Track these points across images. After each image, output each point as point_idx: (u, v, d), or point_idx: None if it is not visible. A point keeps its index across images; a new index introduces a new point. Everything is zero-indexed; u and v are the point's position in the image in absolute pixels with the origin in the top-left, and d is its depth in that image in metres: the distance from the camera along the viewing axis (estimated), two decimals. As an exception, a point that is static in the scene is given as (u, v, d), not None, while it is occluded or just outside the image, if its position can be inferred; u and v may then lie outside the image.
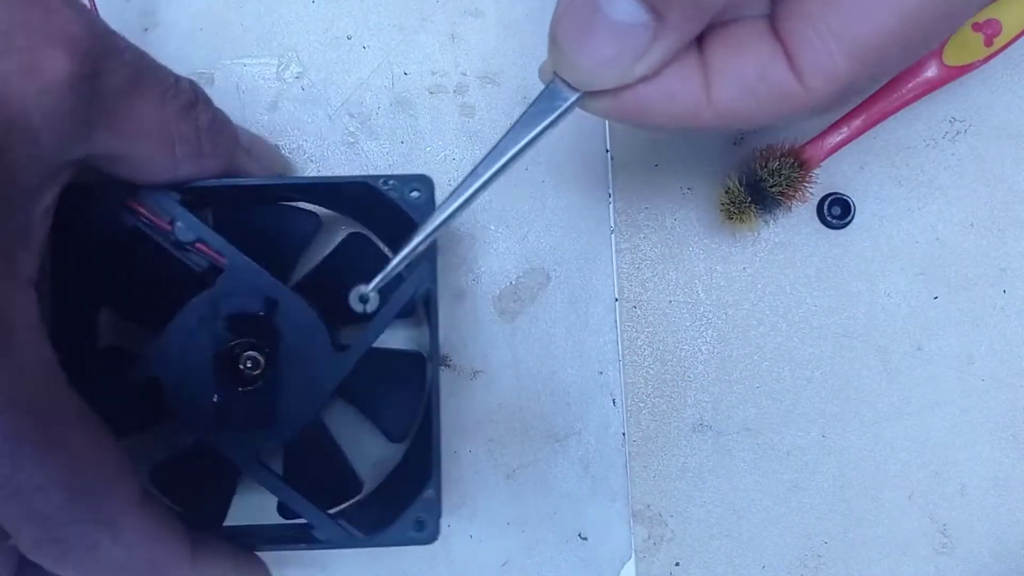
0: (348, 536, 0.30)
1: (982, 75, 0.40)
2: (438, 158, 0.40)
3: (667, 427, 0.40)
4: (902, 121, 0.40)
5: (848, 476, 0.40)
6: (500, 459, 0.39)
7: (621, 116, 0.25)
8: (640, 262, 0.41)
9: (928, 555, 0.40)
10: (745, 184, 0.38)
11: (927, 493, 0.40)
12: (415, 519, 0.29)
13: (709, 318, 0.40)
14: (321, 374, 0.30)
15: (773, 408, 0.40)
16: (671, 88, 0.24)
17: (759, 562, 0.40)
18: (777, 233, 0.41)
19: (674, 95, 0.24)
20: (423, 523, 0.30)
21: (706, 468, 0.40)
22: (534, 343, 0.40)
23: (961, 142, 0.41)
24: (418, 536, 0.30)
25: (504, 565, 0.39)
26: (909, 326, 0.40)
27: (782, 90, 0.23)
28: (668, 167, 0.41)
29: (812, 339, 0.40)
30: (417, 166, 0.40)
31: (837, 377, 0.40)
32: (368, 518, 0.32)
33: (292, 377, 0.30)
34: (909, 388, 0.40)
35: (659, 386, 0.40)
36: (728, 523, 0.40)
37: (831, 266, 0.40)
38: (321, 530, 0.30)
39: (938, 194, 0.41)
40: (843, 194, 0.40)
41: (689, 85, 0.23)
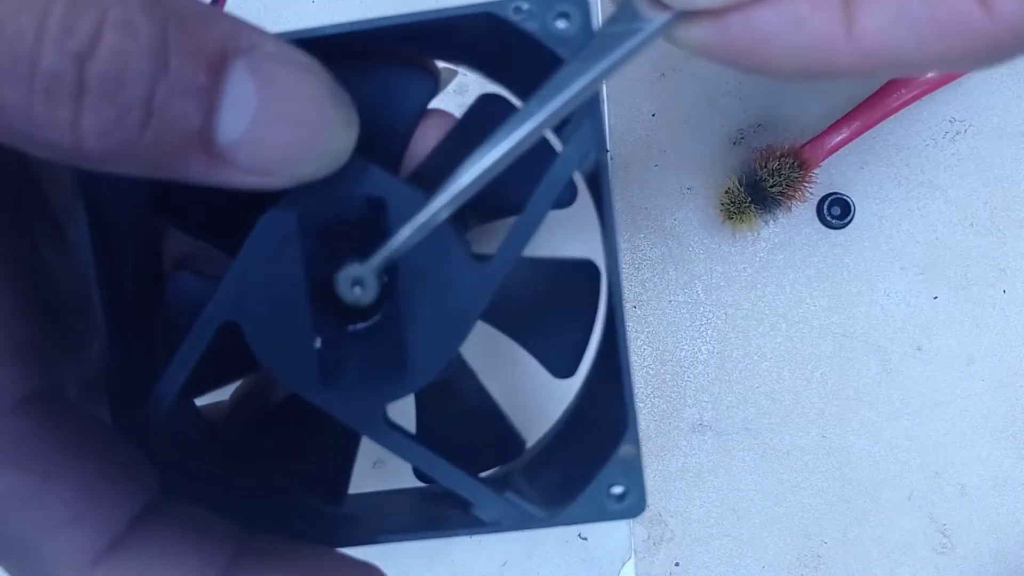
0: (522, 515, 0.22)
1: (982, 75, 0.40)
2: (438, 158, 0.40)
3: (666, 427, 0.40)
4: (902, 121, 0.40)
5: (848, 476, 0.40)
6: (500, 459, 0.39)
7: (726, 52, 0.19)
8: (640, 262, 0.41)
9: (928, 555, 0.40)
10: (745, 184, 0.38)
11: (927, 493, 0.40)
12: (609, 486, 0.22)
13: (709, 318, 0.40)
14: (458, 296, 0.22)
15: (773, 408, 0.40)
16: (799, 13, 0.18)
17: (759, 562, 0.40)
18: (777, 233, 0.41)
19: (803, 23, 0.18)
20: (624, 491, 0.22)
21: (706, 468, 0.40)
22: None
23: (961, 142, 0.41)
24: (618, 509, 0.22)
25: (504, 565, 0.39)
26: (909, 326, 0.40)
27: (955, 17, 0.17)
28: (668, 167, 0.41)
29: (812, 339, 0.40)
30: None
31: (837, 377, 0.40)
32: (539, 488, 0.24)
33: (419, 304, 0.22)
34: (909, 388, 0.40)
35: (659, 386, 0.40)
36: (728, 523, 0.40)
37: (831, 266, 0.40)
38: (484, 507, 0.22)
39: (938, 194, 0.41)
40: (843, 194, 0.40)
41: (824, 10, 0.17)
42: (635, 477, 0.22)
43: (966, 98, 0.40)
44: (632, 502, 0.22)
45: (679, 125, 0.41)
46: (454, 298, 0.22)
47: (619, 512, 0.22)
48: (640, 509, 0.22)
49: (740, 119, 0.41)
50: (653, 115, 0.41)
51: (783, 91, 0.41)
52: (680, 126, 0.41)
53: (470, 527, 0.23)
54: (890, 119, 0.39)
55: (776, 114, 0.40)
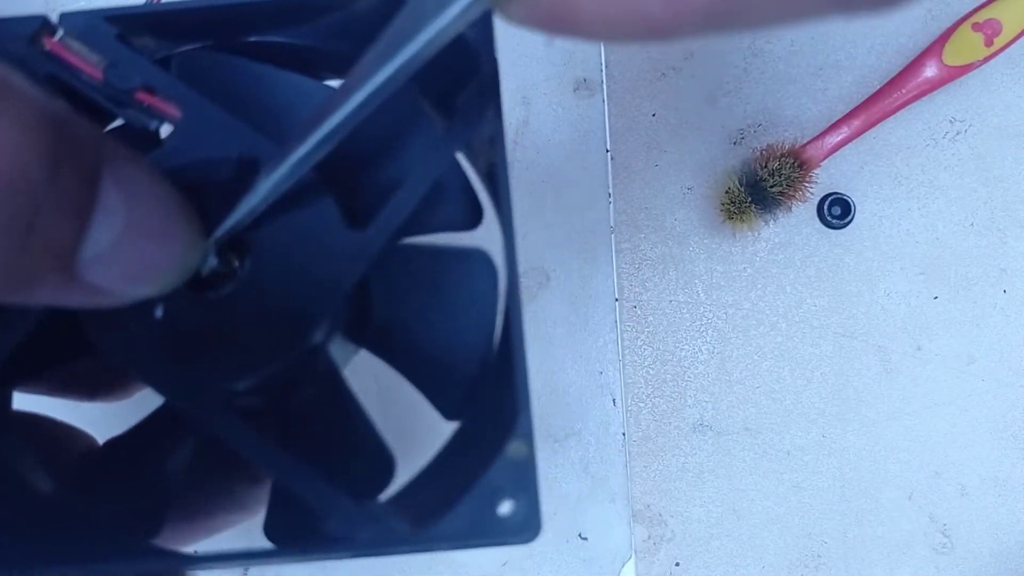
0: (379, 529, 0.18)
1: (982, 75, 0.40)
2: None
3: (667, 427, 0.40)
4: (902, 121, 0.40)
5: (848, 476, 0.40)
6: (500, 459, 0.39)
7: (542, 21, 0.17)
8: (640, 262, 0.41)
9: (928, 555, 0.40)
10: (745, 184, 0.38)
11: (927, 493, 0.40)
12: (493, 495, 0.17)
13: (709, 318, 0.40)
14: (329, 264, 0.19)
15: (773, 408, 0.40)
16: None
17: (759, 562, 0.40)
18: (777, 233, 0.41)
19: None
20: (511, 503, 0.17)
21: (706, 468, 0.40)
22: (534, 343, 0.40)
23: (961, 142, 0.41)
24: (503, 525, 0.17)
25: (504, 565, 0.39)
26: (909, 326, 0.40)
27: None
28: (668, 167, 0.41)
29: (812, 339, 0.40)
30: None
31: (837, 377, 0.40)
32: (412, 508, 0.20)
33: (284, 272, 0.19)
34: (909, 388, 0.40)
35: (659, 386, 0.40)
36: (728, 523, 0.40)
37: (831, 266, 0.40)
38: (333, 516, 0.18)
39: (938, 194, 0.41)
40: (843, 194, 0.40)
41: None
42: (526, 484, 0.17)
43: (966, 98, 0.40)
44: (521, 517, 0.17)
45: (679, 125, 0.41)
46: (324, 266, 0.19)
47: (504, 530, 0.17)
48: (532, 529, 0.17)
49: (740, 119, 0.41)
50: (653, 115, 0.41)
51: (783, 91, 0.41)
52: (680, 126, 0.41)
53: (313, 550, 0.18)
54: (890, 119, 0.39)
55: (776, 114, 0.40)
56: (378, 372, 0.22)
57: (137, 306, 0.17)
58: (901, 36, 0.40)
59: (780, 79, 0.41)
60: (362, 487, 0.21)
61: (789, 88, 0.40)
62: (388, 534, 0.18)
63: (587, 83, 0.41)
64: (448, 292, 0.22)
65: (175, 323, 0.19)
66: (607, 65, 0.41)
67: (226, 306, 0.19)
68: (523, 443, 0.18)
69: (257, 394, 0.20)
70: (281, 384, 0.20)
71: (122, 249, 0.15)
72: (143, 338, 0.19)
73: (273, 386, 0.20)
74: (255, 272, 0.19)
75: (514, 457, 0.17)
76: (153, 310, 0.19)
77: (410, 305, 0.22)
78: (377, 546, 0.17)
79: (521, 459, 0.17)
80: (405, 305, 0.22)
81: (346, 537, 0.18)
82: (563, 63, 0.40)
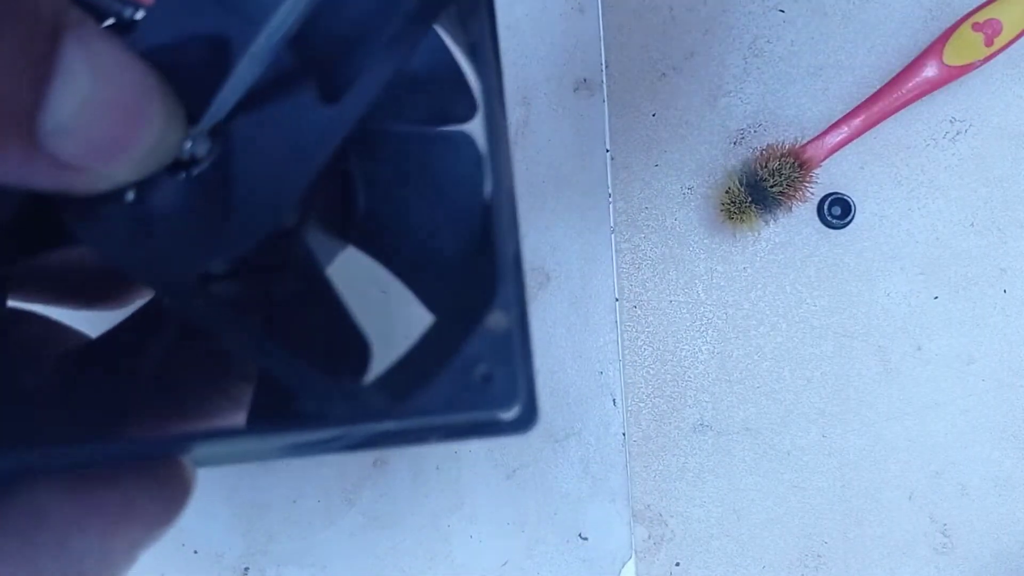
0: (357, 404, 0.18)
1: (982, 75, 0.40)
2: (438, 158, 0.40)
3: (667, 427, 0.40)
4: (902, 121, 0.40)
5: (848, 476, 0.40)
6: (500, 459, 0.39)
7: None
8: (640, 262, 0.41)
9: (928, 555, 0.40)
10: (745, 184, 0.38)
11: (927, 493, 0.40)
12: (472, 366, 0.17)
13: (709, 318, 0.40)
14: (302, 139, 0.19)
15: (773, 408, 0.40)
16: None
17: (759, 562, 0.40)
18: (777, 233, 0.41)
19: None
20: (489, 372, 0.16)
21: (706, 468, 0.40)
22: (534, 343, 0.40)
23: (961, 142, 0.41)
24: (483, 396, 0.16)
25: (504, 565, 0.39)
26: (909, 326, 0.40)
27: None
28: (668, 167, 0.41)
29: (812, 339, 0.40)
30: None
31: (837, 377, 0.40)
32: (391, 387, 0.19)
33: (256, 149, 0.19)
34: (909, 388, 0.40)
35: (659, 386, 0.40)
36: (728, 523, 0.40)
37: (831, 266, 0.40)
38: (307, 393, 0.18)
39: (938, 194, 0.41)
40: (843, 194, 0.40)
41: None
42: (505, 355, 0.17)
43: (966, 98, 0.40)
44: (502, 387, 0.16)
45: (679, 125, 0.41)
46: (299, 145, 0.19)
47: (485, 400, 0.16)
48: (512, 398, 0.16)
49: (740, 119, 0.41)
50: (653, 115, 0.41)
51: (783, 91, 0.41)
52: (680, 126, 0.41)
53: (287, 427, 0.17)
54: (890, 119, 0.39)
55: (776, 114, 0.40)
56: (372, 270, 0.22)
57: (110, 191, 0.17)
58: (901, 36, 0.40)
59: (780, 79, 0.41)
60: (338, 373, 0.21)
61: (789, 88, 0.40)
62: (364, 409, 0.17)
63: (587, 83, 0.41)
64: (431, 178, 0.21)
65: (148, 206, 0.18)
66: (607, 65, 0.41)
67: (199, 188, 0.19)
68: (503, 314, 0.17)
69: (235, 281, 0.20)
70: (259, 271, 0.20)
71: (88, 120, 0.15)
72: (116, 222, 0.18)
73: (251, 273, 0.20)
74: (230, 153, 0.19)
75: (494, 329, 0.17)
76: (125, 194, 0.18)
77: (394, 195, 0.21)
78: (353, 421, 0.17)
79: (502, 331, 0.17)
80: (389, 195, 0.21)
81: (321, 414, 0.17)
82: (563, 63, 0.40)
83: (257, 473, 0.40)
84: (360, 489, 0.40)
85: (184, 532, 0.40)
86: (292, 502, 0.40)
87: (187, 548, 0.40)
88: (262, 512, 0.40)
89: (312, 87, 0.19)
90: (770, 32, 0.41)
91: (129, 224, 0.18)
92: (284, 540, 0.40)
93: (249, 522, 0.40)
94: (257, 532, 0.40)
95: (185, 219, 0.19)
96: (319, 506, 0.40)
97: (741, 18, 0.41)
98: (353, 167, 0.21)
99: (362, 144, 0.20)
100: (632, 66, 0.41)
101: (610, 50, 0.41)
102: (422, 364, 0.18)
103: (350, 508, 0.40)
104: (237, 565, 0.40)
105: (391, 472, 0.40)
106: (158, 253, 0.18)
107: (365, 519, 0.40)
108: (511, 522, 0.39)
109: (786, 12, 0.41)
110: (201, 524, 0.40)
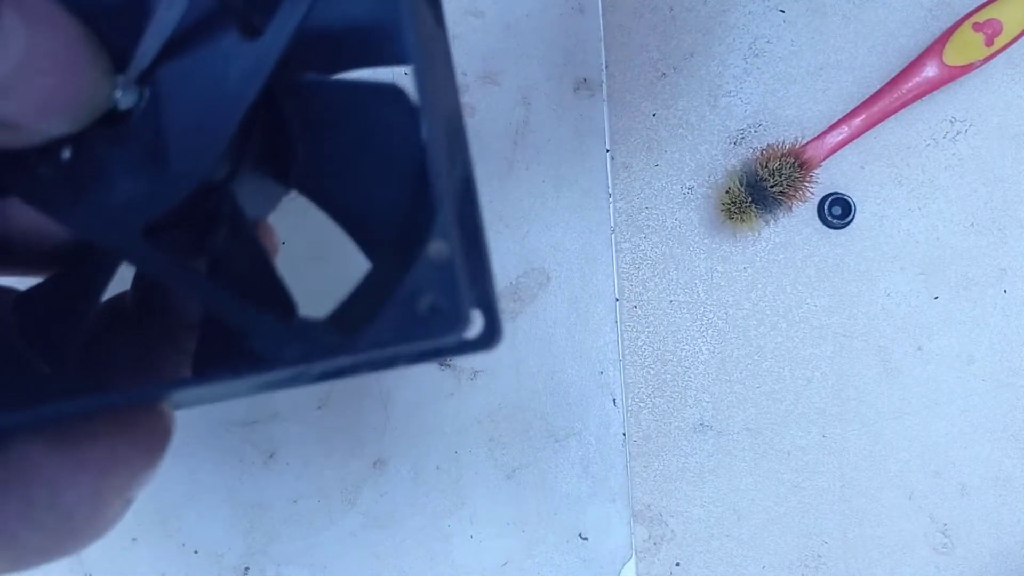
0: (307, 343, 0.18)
1: (982, 75, 0.40)
2: (438, 158, 0.40)
3: (667, 427, 0.40)
4: (902, 121, 0.40)
5: (848, 476, 0.40)
6: (500, 459, 0.39)
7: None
8: (640, 262, 0.41)
9: (928, 555, 0.40)
10: (745, 184, 0.38)
11: (927, 493, 0.40)
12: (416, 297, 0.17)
13: (709, 318, 0.40)
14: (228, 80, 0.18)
15: (773, 408, 0.40)
16: None
17: (759, 562, 0.40)
18: (777, 233, 0.41)
19: None
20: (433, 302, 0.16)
21: (706, 468, 0.40)
22: (534, 343, 0.40)
23: (961, 142, 0.41)
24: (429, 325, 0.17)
25: (504, 565, 0.39)
26: (909, 326, 0.40)
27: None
28: (668, 167, 0.41)
29: (812, 339, 0.40)
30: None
31: (837, 377, 0.40)
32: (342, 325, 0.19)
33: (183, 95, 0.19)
34: (909, 388, 0.40)
35: (659, 386, 0.40)
36: (728, 523, 0.40)
37: (831, 266, 0.40)
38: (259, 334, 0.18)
39: (938, 194, 0.41)
40: (843, 194, 0.40)
41: None
42: (448, 283, 0.16)
43: (966, 98, 0.40)
44: (448, 317, 0.16)
45: (679, 125, 0.41)
46: (223, 83, 0.19)
47: (431, 329, 0.16)
48: (458, 324, 0.16)
49: (740, 119, 0.41)
50: (653, 115, 0.41)
51: (783, 91, 0.41)
52: (680, 126, 0.41)
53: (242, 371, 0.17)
54: (890, 119, 0.39)
55: (776, 114, 0.40)
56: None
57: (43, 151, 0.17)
58: (901, 36, 0.40)
59: (780, 79, 0.41)
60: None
61: (789, 88, 0.40)
62: (316, 348, 0.17)
63: (587, 83, 0.41)
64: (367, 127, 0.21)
65: (84, 162, 0.19)
66: (607, 65, 0.41)
67: (133, 139, 0.19)
68: (443, 242, 0.17)
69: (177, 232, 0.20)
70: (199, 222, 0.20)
71: (26, 77, 0.15)
72: (55, 181, 0.18)
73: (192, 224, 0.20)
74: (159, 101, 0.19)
75: (436, 258, 0.17)
76: (61, 152, 0.18)
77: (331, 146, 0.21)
78: (307, 360, 0.17)
79: (443, 259, 0.17)
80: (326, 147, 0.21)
81: (274, 355, 0.17)
82: (563, 63, 0.40)
83: (257, 473, 0.40)
84: (360, 489, 0.40)
85: (184, 532, 0.40)
86: (292, 502, 0.40)
87: (187, 548, 0.40)
88: (262, 512, 0.40)
89: (233, 26, 0.19)
90: (770, 32, 0.41)
91: (68, 181, 0.18)
92: (284, 540, 0.40)
93: (249, 522, 0.40)
94: (257, 532, 0.40)
95: (121, 172, 0.19)
96: (319, 506, 0.40)
97: (741, 18, 0.41)
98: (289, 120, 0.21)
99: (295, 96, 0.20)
100: (632, 66, 0.41)
101: (610, 50, 0.41)
102: (369, 300, 0.19)
103: (350, 508, 0.40)
104: (237, 565, 0.40)
105: (391, 472, 0.40)
106: (98, 208, 0.18)
107: (365, 519, 0.40)
108: (511, 522, 0.39)
109: (786, 12, 0.41)
110: (201, 524, 0.40)
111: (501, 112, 0.41)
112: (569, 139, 0.41)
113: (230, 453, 0.40)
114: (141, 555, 0.40)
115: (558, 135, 0.40)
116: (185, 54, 0.19)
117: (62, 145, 0.18)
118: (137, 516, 0.40)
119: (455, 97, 0.20)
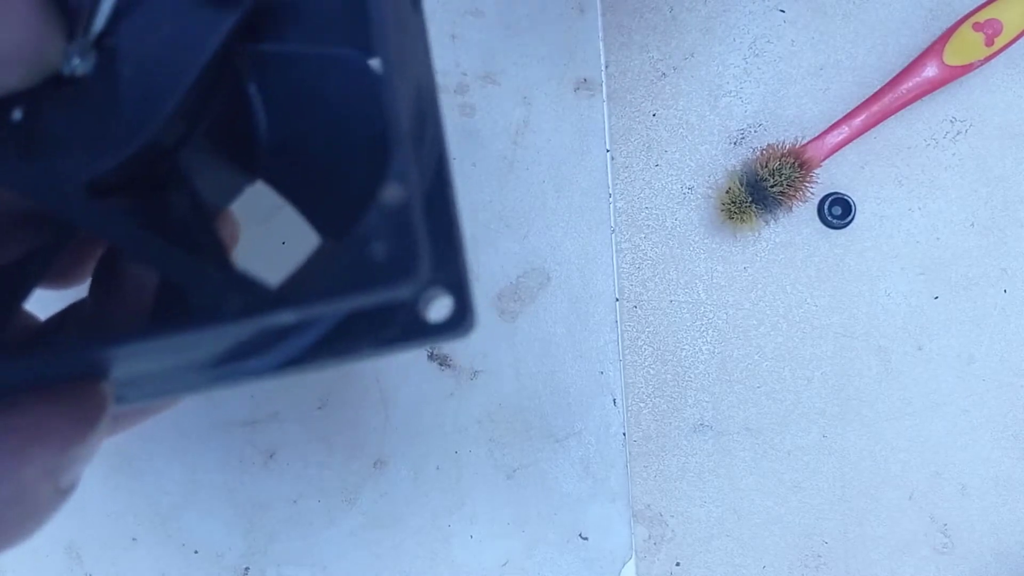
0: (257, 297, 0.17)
1: (982, 75, 0.40)
2: (438, 158, 0.40)
3: (667, 427, 0.40)
4: (902, 121, 0.40)
5: (848, 476, 0.40)
6: (500, 459, 0.39)
7: None
8: (640, 262, 0.41)
9: (928, 555, 0.40)
10: (746, 184, 0.38)
11: (927, 493, 0.40)
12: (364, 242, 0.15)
13: (709, 318, 0.40)
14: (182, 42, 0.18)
15: (773, 408, 0.40)
16: None
17: (759, 562, 0.40)
18: (778, 233, 0.41)
19: None
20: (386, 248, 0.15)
21: (706, 468, 0.40)
22: (534, 343, 0.40)
23: (961, 142, 0.41)
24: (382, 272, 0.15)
25: (504, 565, 0.39)
26: (909, 326, 0.40)
27: None
28: (668, 167, 0.41)
29: (812, 339, 0.40)
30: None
31: (837, 377, 0.40)
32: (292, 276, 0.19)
33: (137, 59, 0.18)
34: (909, 388, 0.40)
35: (659, 386, 0.40)
36: (728, 523, 0.40)
37: (831, 266, 0.40)
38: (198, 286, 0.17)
39: (938, 194, 0.41)
40: (844, 194, 0.40)
41: None
42: (403, 228, 0.15)
43: (967, 98, 0.40)
44: (400, 263, 0.15)
45: (679, 125, 0.41)
46: (178, 45, 0.18)
47: (384, 275, 0.15)
48: (411, 271, 0.15)
49: (740, 119, 0.41)
50: (653, 115, 0.41)
51: (783, 91, 0.41)
52: (680, 126, 0.41)
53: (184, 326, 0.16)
54: (890, 119, 0.39)
55: (776, 114, 0.40)
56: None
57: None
58: (902, 36, 0.40)
59: (780, 79, 0.41)
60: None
61: (789, 88, 0.40)
62: (258, 299, 0.16)
63: (587, 83, 0.41)
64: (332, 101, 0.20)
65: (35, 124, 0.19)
66: (607, 65, 0.41)
67: (86, 101, 0.19)
68: (398, 187, 0.15)
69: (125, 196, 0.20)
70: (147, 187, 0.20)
71: None
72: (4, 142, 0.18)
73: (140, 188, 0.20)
74: (114, 64, 0.19)
75: (389, 202, 0.15)
76: (12, 110, 0.18)
77: (296, 119, 0.21)
78: (249, 313, 0.16)
79: (397, 203, 0.15)
80: (290, 120, 0.21)
81: (216, 307, 0.16)
82: (563, 63, 0.40)
83: (257, 473, 0.40)
84: (360, 489, 0.40)
85: (184, 532, 0.40)
86: (292, 502, 0.40)
87: (187, 548, 0.40)
88: (262, 512, 0.40)
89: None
90: (770, 32, 0.41)
91: (17, 143, 0.18)
92: (284, 540, 0.40)
93: (249, 522, 0.40)
94: (257, 532, 0.40)
95: (72, 133, 0.18)
96: (319, 506, 0.40)
97: (741, 18, 0.41)
98: (252, 98, 0.20)
99: (259, 70, 0.19)
100: (632, 66, 0.41)
101: (610, 50, 0.41)
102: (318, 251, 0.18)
103: (350, 508, 0.40)
104: (237, 565, 0.40)
105: (391, 472, 0.40)
106: (46, 167, 0.18)
107: (365, 519, 0.40)
108: (511, 522, 0.39)
109: (786, 12, 0.41)
110: (201, 524, 0.40)
111: (501, 112, 0.41)
112: (569, 139, 0.41)
113: (230, 453, 0.40)
114: (141, 555, 0.40)
115: (558, 135, 0.40)
116: (141, 16, 0.18)
117: (13, 105, 0.18)
118: (137, 516, 0.40)
119: (429, 73, 0.19)
